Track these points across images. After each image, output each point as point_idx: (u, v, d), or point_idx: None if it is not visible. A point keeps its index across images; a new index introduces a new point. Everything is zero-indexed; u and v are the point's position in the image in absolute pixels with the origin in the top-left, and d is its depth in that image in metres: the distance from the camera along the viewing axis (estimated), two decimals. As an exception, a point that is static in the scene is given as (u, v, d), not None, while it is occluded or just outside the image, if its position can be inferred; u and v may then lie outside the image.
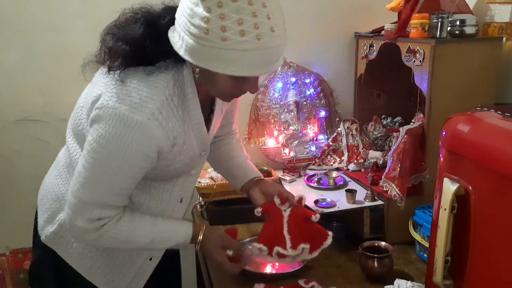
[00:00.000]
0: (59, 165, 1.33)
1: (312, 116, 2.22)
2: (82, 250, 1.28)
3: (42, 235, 1.30)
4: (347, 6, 2.20)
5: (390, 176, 1.62)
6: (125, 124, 1.05)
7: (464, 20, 1.61)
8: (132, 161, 1.10)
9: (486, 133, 0.97)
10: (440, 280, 1.02)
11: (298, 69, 2.17)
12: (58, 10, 1.94)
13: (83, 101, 1.23)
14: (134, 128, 1.06)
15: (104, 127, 1.07)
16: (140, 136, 1.07)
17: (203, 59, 1.02)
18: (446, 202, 0.98)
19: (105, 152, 1.08)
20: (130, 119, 1.05)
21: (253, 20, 0.97)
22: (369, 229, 1.69)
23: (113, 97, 1.08)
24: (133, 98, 1.07)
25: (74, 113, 1.27)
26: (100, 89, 1.13)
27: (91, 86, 1.21)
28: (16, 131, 2.00)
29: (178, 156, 1.19)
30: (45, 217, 1.31)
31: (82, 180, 1.12)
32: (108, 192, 1.14)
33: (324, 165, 2.14)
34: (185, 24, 1.01)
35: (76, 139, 1.26)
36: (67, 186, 1.26)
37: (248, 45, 0.98)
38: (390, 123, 2.09)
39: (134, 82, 1.10)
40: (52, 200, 1.30)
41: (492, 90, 1.68)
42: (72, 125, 1.27)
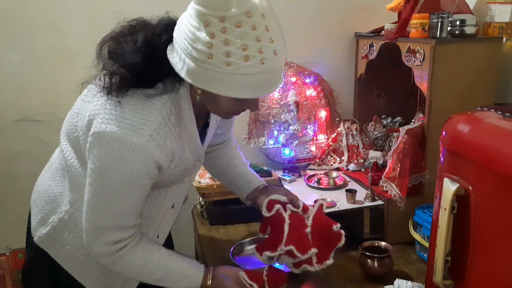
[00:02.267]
0: (53, 167, 1.33)
1: (312, 116, 2.22)
2: (74, 252, 1.27)
3: (35, 236, 1.30)
4: (347, 6, 2.20)
5: (390, 176, 1.62)
6: (125, 148, 1.06)
7: (464, 20, 1.61)
8: (137, 181, 1.11)
9: (486, 133, 0.97)
10: (440, 280, 1.02)
11: (298, 69, 2.17)
12: (58, 10, 1.94)
13: (79, 109, 1.22)
14: (134, 151, 1.06)
15: (105, 152, 1.07)
16: (140, 158, 1.07)
17: (206, 81, 1.02)
18: (446, 202, 0.98)
19: (109, 177, 1.09)
20: (129, 142, 1.06)
21: (257, 45, 0.98)
22: (369, 229, 1.69)
23: (111, 120, 1.07)
24: (131, 121, 1.07)
25: (69, 117, 1.26)
26: (96, 109, 1.11)
27: (86, 102, 1.18)
28: (16, 131, 2.00)
29: (174, 169, 1.20)
30: (38, 219, 1.30)
31: (92, 206, 1.14)
32: (119, 215, 1.14)
33: (324, 165, 2.14)
34: (187, 47, 1.01)
35: (70, 143, 1.25)
36: (60, 188, 1.27)
37: (252, 70, 0.99)
38: (390, 123, 2.09)
39: (132, 104, 1.09)
40: (45, 201, 1.30)
41: (492, 90, 1.68)
42: (67, 130, 1.25)
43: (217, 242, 1.75)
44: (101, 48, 1.14)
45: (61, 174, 1.29)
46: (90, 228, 1.16)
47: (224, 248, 1.64)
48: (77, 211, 1.24)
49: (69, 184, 1.25)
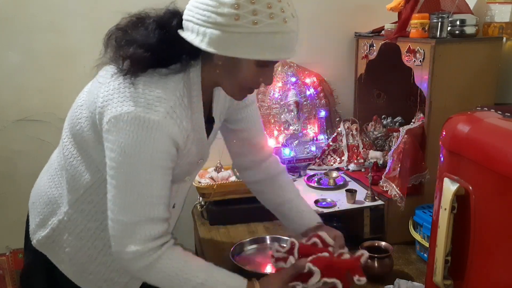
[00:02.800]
0: (52, 168, 1.30)
1: (312, 116, 2.22)
2: (74, 255, 1.24)
3: (33, 239, 1.27)
4: (347, 6, 2.20)
5: (390, 176, 1.62)
6: (143, 126, 1.03)
7: (464, 20, 1.62)
8: (159, 162, 1.07)
9: (486, 133, 0.97)
10: (440, 280, 1.02)
11: (298, 69, 2.17)
12: (58, 10, 1.94)
13: (84, 100, 1.19)
14: (153, 129, 1.04)
15: (123, 135, 1.03)
16: (160, 135, 1.05)
17: (231, 47, 1.02)
18: (446, 202, 0.98)
19: (132, 162, 1.05)
20: (147, 119, 1.03)
21: (279, 5, 1.01)
22: (369, 229, 1.69)
23: (125, 101, 1.05)
24: (145, 99, 1.05)
25: (71, 113, 1.23)
26: (109, 94, 1.09)
27: (97, 86, 1.14)
28: (16, 131, 2.00)
29: (183, 157, 1.16)
30: (37, 221, 1.28)
31: (119, 201, 1.06)
32: (150, 205, 1.07)
33: (324, 165, 2.14)
34: (208, 17, 1.02)
35: (73, 139, 1.22)
36: (60, 189, 1.24)
37: (276, 28, 1.01)
38: (390, 123, 2.09)
39: (146, 83, 1.08)
40: (44, 203, 1.27)
41: (492, 90, 1.68)
42: (70, 125, 1.23)
43: (217, 242, 1.75)
44: (109, 38, 1.13)
45: (60, 175, 1.26)
46: (120, 228, 1.07)
47: (224, 248, 1.64)
48: (75, 212, 1.22)
49: (67, 184, 1.23)
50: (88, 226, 1.22)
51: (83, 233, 1.22)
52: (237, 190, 1.87)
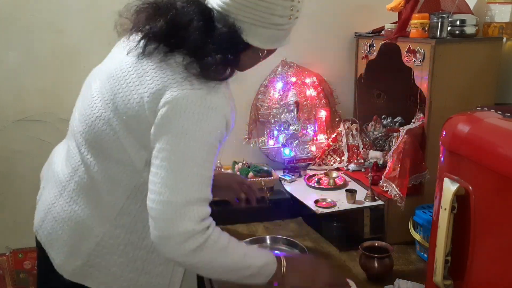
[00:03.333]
0: (68, 190, 1.20)
1: (312, 116, 2.22)
2: (122, 273, 1.18)
3: (65, 273, 1.17)
4: (347, 6, 2.20)
5: (390, 176, 1.62)
6: (205, 107, 1.04)
7: (464, 20, 1.62)
8: (214, 142, 1.08)
9: (486, 133, 0.97)
10: (440, 280, 1.02)
11: (298, 69, 2.17)
12: (58, 10, 1.94)
13: (107, 106, 1.13)
14: (214, 109, 1.05)
15: (185, 116, 1.03)
16: (218, 115, 1.07)
17: (278, 41, 1.16)
18: (446, 202, 0.98)
19: (191, 142, 1.04)
20: (209, 100, 1.05)
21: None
22: (369, 229, 1.69)
23: (185, 84, 1.05)
24: (204, 82, 1.06)
25: (88, 124, 1.15)
26: (156, 83, 1.07)
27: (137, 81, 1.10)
28: (16, 131, 2.01)
29: None
30: (65, 251, 1.18)
31: (172, 182, 1.04)
32: (201, 185, 1.07)
33: (324, 165, 2.14)
34: (267, 18, 1.10)
35: (93, 152, 1.16)
36: (87, 210, 1.17)
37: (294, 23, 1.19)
38: (390, 123, 2.09)
39: (198, 68, 1.08)
40: (71, 230, 1.18)
41: (492, 90, 1.68)
42: (89, 138, 1.15)
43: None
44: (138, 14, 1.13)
45: (84, 195, 1.18)
46: (171, 209, 1.03)
47: (224, 248, 1.64)
48: (117, 228, 1.16)
49: (101, 201, 1.16)
50: (131, 239, 1.17)
51: (128, 248, 1.17)
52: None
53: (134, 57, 1.12)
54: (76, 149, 1.20)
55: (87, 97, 1.18)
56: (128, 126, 1.10)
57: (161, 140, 1.05)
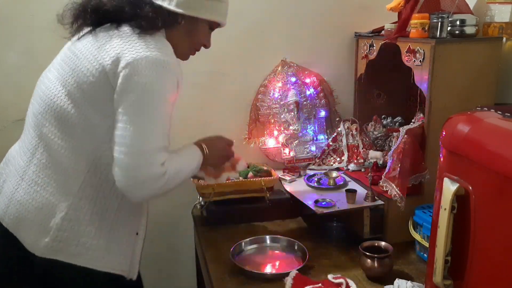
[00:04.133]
0: (28, 174, 1.28)
1: (312, 116, 2.22)
2: (91, 240, 1.25)
3: (37, 251, 1.23)
4: (347, 6, 2.20)
5: (390, 176, 1.62)
6: (162, 67, 1.20)
7: (464, 20, 1.61)
8: (170, 97, 1.24)
9: (486, 133, 0.97)
10: (440, 280, 1.02)
11: (298, 69, 2.17)
12: (58, 10, 1.93)
13: (63, 77, 1.26)
14: (168, 69, 1.22)
15: (145, 75, 1.18)
16: (172, 74, 1.23)
17: (197, 9, 1.31)
18: (446, 202, 0.98)
19: (153, 98, 1.20)
20: (163, 61, 1.21)
21: None
22: (369, 229, 1.69)
23: (141, 48, 1.20)
24: (156, 46, 1.23)
25: (48, 103, 1.27)
26: (119, 46, 1.21)
27: (91, 50, 1.25)
28: (16, 131, 1.99)
29: None
30: (35, 230, 1.24)
31: (139, 133, 1.18)
32: (163, 135, 1.24)
33: (324, 165, 2.14)
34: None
35: (60, 128, 1.25)
36: (50, 188, 1.25)
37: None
38: (390, 123, 2.09)
39: (146, 35, 1.25)
40: (36, 210, 1.25)
41: (492, 90, 1.68)
42: (50, 116, 1.26)
43: (217, 242, 1.75)
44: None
45: (44, 175, 1.26)
46: (140, 157, 1.19)
47: (224, 248, 1.64)
48: (81, 199, 1.24)
49: (64, 177, 1.24)
50: (96, 209, 1.26)
51: (93, 217, 1.25)
52: (237, 190, 1.87)
53: (88, 35, 1.29)
54: (33, 133, 1.30)
55: (44, 84, 1.32)
56: (90, 96, 1.23)
57: (126, 98, 1.18)
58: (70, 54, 1.29)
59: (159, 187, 1.22)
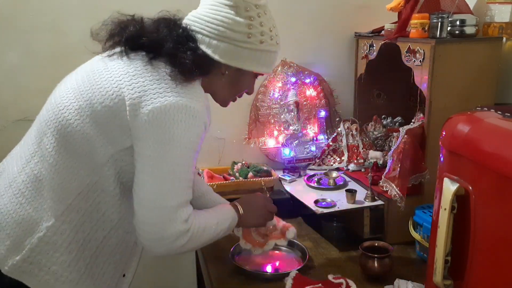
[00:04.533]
0: (17, 182, 1.18)
1: (312, 116, 2.22)
2: (62, 273, 1.15)
3: (4, 267, 1.13)
4: (347, 6, 2.20)
5: (390, 176, 1.62)
6: (190, 115, 1.11)
7: (464, 20, 1.61)
8: (197, 147, 1.17)
9: (486, 133, 0.97)
10: (440, 280, 1.02)
11: (298, 69, 2.17)
12: (58, 10, 1.94)
13: (76, 98, 1.17)
14: (197, 117, 1.13)
15: (172, 124, 1.09)
16: (200, 123, 1.15)
17: (241, 60, 1.22)
18: (446, 202, 0.98)
19: (176, 149, 1.11)
20: (193, 108, 1.12)
21: (275, 30, 1.26)
22: (369, 229, 1.69)
23: (167, 92, 1.12)
24: (186, 91, 1.14)
25: (53, 115, 1.19)
26: (143, 84, 1.13)
27: (108, 78, 1.15)
28: (16, 131, 1.99)
29: None
30: (7, 245, 1.14)
31: (161, 188, 1.12)
32: (187, 188, 1.17)
33: (324, 165, 2.14)
34: (222, 32, 1.19)
35: (61, 143, 1.16)
36: (35, 203, 1.15)
37: (273, 48, 1.26)
38: (390, 123, 2.09)
39: (175, 77, 1.15)
40: (15, 223, 1.14)
41: (492, 90, 1.68)
42: (54, 129, 1.17)
43: (217, 242, 1.74)
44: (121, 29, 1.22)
45: (33, 188, 1.16)
46: (163, 213, 1.12)
47: (224, 248, 1.64)
48: (63, 224, 1.15)
49: (52, 194, 1.15)
50: (77, 238, 1.16)
51: (72, 246, 1.16)
52: (237, 190, 1.87)
53: (121, 57, 1.20)
54: (34, 140, 1.21)
55: (60, 90, 1.24)
56: (99, 117, 1.14)
57: (149, 146, 1.10)
58: (96, 69, 1.21)
59: (181, 244, 1.15)
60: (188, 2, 1.30)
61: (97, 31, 1.25)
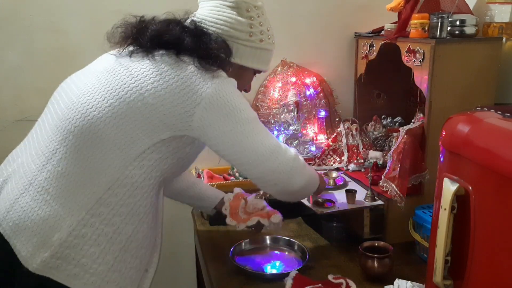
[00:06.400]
0: (39, 180, 1.17)
1: (312, 116, 2.22)
2: (92, 264, 1.14)
3: (32, 264, 1.12)
4: (347, 6, 2.20)
5: (390, 176, 1.62)
6: (235, 91, 1.26)
7: (464, 20, 1.61)
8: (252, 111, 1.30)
9: (486, 133, 0.97)
10: (440, 280, 1.02)
11: (298, 69, 2.17)
12: (58, 10, 1.94)
13: (108, 96, 1.18)
14: (236, 87, 1.28)
15: (229, 97, 1.21)
16: (239, 92, 1.29)
17: (244, 57, 1.33)
18: (446, 202, 0.98)
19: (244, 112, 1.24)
20: (231, 81, 1.26)
21: (271, 29, 1.38)
22: (369, 229, 1.69)
23: (208, 79, 1.21)
24: (219, 73, 1.24)
25: (82, 111, 1.18)
26: (188, 77, 1.19)
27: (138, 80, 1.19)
28: (16, 131, 2.00)
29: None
30: (34, 242, 1.13)
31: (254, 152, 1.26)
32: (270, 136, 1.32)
33: (324, 165, 2.14)
34: (227, 31, 1.30)
35: (85, 141, 1.16)
36: (60, 199, 1.15)
37: (270, 46, 1.38)
38: (390, 123, 2.09)
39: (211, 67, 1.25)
40: (41, 220, 1.14)
41: (492, 90, 1.68)
42: (82, 125, 1.17)
43: (217, 242, 1.75)
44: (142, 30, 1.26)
45: (57, 184, 1.16)
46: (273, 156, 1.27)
47: (224, 248, 1.64)
48: (93, 217, 1.15)
49: (81, 189, 1.15)
50: (106, 230, 1.16)
51: (101, 238, 1.15)
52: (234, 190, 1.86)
53: (145, 58, 1.23)
54: (53, 137, 1.20)
55: (78, 88, 1.24)
56: (137, 114, 1.16)
57: (219, 127, 1.21)
58: (121, 69, 1.21)
59: (302, 165, 1.35)
60: (184, 4, 1.32)
61: (113, 33, 1.28)
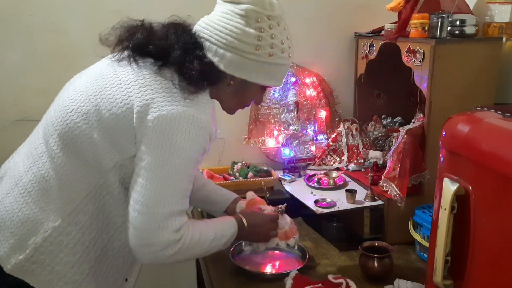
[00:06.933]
0: (24, 181, 1.18)
1: (312, 116, 2.22)
2: (65, 273, 1.14)
3: (6, 265, 1.13)
4: (347, 6, 2.20)
5: (390, 176, 1.62)
6: (195, 125, 1.11)
7: (464, 20, 1.61)
8: (198, 157, 1.16)
9: (486, 133, 0.97)
10: (440, 280, 1.02)
11: (298, 69, 2.17)
12: (58, 10, 1.94)
13: (84, 102, 1.16)
14: (202, 128, 1.12)
15: (176, 132, 1.09)
16: (205, 133, 1.14)
17: (247, 72, 1.20)
18: (446, 202, 0.98)
19: (177, 158, 1.10)
20: (199, 119, 1.11)
21: (287, 42, 1.22)
22: (369, 229, 1.69)
23: (175, 101, 1.11)
24: (194, 101, 1.13)
25: (59, 117, 1.17)
26: (152, 92, 1.12)
27: (117, 84, 1.15)
28: (16, 131, 2.00)
29: None
30: (11, 243, 1.14)
31: (156, 194, 1.10)
32: (182, 197, 1.15)
33: (324, 165, 2.14)
34: (230, 42, 1.16)
35: (67, 146, 1.15)
36: (40, 204, 1.15)
37: (283, 61, 1.22)
38: (390, 123, 2.09)
39: (185, 87, 1.14)
40: (20, 222, 1.15)
41: (492, 90, 1.68)
42: (61, 131, 1.16)
43: (217, 242, 1.75)
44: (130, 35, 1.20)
45: (39, 188, 1.16)
46: (153, 220, 1.10)
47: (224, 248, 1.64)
48: (70, 225, 1.15)
49: (59, 195, 1.15)
50: (83, 239, 1.17)
51: (77, 247, 1.16)
52: (237, 190, 1.86)
53: (129, 64, 1.18)
54: (41, 140, 1.21)
55: (68, 91, 1.22)
56: (106, 124, 1.13)
57: (152, 153, 1.10)
58: (105, 74, 1.19)
59: (169, 254, 1.13)
60: (184, 4, 1.30)
61: (106, 36, 1.23)
